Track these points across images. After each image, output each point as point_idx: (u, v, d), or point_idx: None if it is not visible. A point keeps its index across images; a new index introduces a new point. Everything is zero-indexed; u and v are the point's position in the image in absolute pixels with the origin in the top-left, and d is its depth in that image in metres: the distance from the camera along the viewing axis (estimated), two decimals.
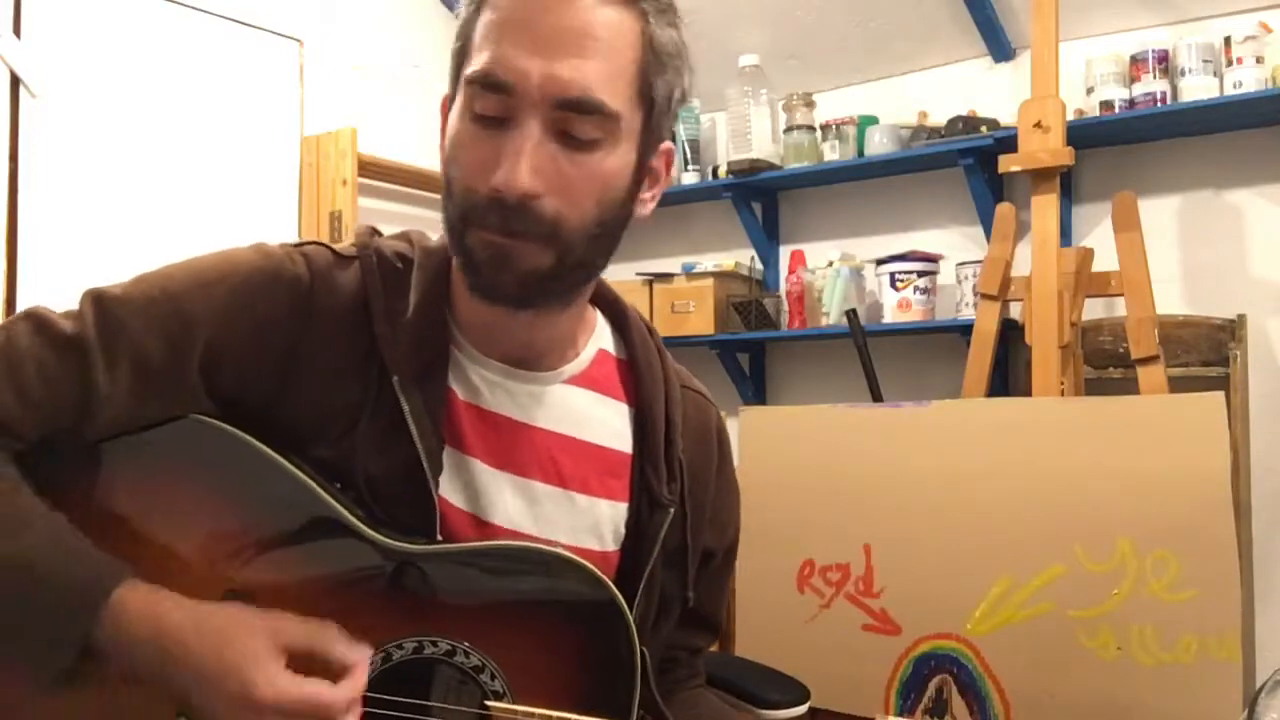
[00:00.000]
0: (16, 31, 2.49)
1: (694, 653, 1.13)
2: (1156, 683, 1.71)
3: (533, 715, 0.85)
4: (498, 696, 0.87)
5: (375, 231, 0.98)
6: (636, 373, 1.01)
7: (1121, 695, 1.74)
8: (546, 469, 0.95)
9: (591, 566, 0.89)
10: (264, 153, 2.94)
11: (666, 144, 0.95)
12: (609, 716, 0.86)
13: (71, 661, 0.79)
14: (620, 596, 0.89)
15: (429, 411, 0.89)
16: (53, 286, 2.51)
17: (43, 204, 2.53)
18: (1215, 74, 2.59)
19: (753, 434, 2.28)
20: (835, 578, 2.09)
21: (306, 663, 0.80)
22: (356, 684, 0.80)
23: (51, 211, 2.55)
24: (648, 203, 0.94)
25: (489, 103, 0.83)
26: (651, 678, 0.96)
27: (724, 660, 1.86)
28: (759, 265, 3.43)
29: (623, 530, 0.98)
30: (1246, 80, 2.53)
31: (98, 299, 0.87)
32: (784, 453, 2.23)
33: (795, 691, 1.60)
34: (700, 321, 3.27)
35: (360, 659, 0.82)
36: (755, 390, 3.42)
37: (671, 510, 0.98)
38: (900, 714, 1.94)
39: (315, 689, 0.78)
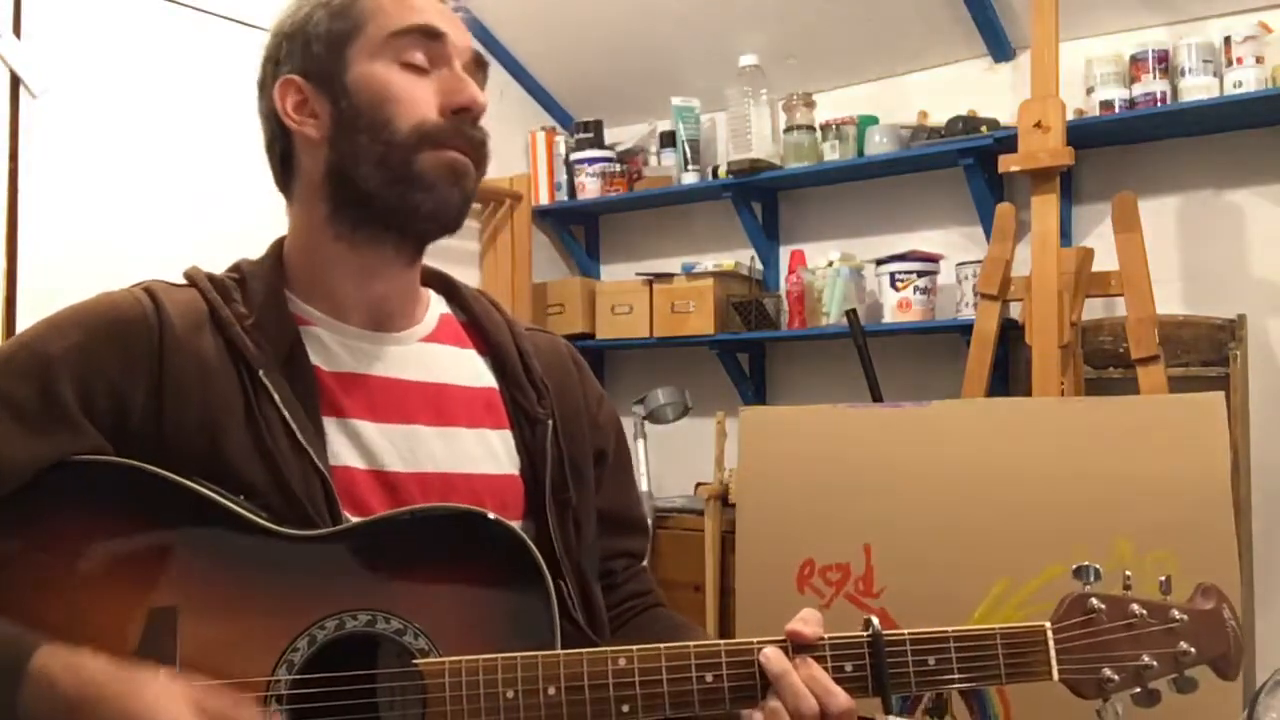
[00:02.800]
0: (16, 31, 2.49)
1: (631, 558, 1.18)
2: None
3: (459, 663, 0.87)
4: (424, 653, 0.89)
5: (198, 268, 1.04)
6: (479, 326, 1.11)
7: None
8: (427, 413, 1.02)
9: (487, 511, 0.93)
10: (264, 153, 2.93)
11: None
12: (532, 650, 0.89)
13: None
14: (520, 532, 0.93)
15: (297, 394, 0.95)
16: (52, 287, 2.50)
17: (43, 204, 2.54)
18: (1215, 74, 2.59)
19: (753, 434, 2.28)
20: (835, 578, 2.09)
21: None
22: None
23: (51, 211, 2.55)
24: None
25: (421, 52, 0.99)
26: (573, 610, 1.00)
27: None
28: (759, 265, 3.43)
29: (516, 454, 1.05)
30: (1246, 80, 2.53)
31: None
32: (784, 453, 2.23)
33: None
34: (700, 321, 3.26)
35: None
36: (755, 390, 3.42)
37: (550, 423, 1.07)
38: (900, 714, 1.94)
39: None
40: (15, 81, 2.49)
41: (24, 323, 2.45)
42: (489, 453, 1.03)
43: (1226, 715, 1.53)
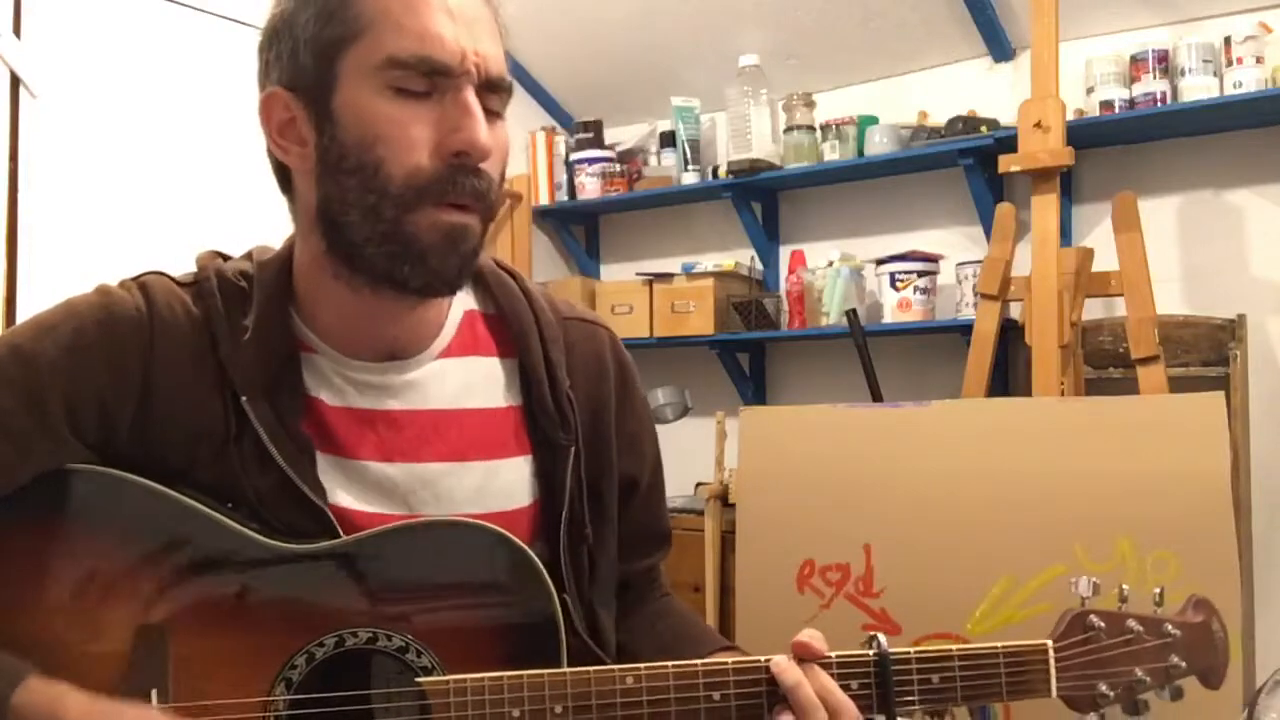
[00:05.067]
0: (16, 31, 2.49)
1: (647, 571, 1.12)
2: None
3: (464, 681, 0.85)
4: (428, 672, 0.87)
5: (219, 255, 0.97)
6: (506, 324, 1.00)
7: None
8: (437, 448, 0.94)
9: (489, 524, 0.89)
10: (264, 153, 2.93)
11: None
12: (539, 668, 0.86)
13: None
14: (525, 547, 0.89)
15: (285, 425, 0.89)
16: (52, 287, 2.50)
17: (43, 204, 2.53)
18: (1215, 74, 2.59)
19: (753, 434, 2.27)
20: (835, 578, 2.09)
21: None
22: None
23: (51, 211, 2.55)
24: None
25: (419, 81, 0.85)
26: (579, 624, 0.96)
27: None
28: (759, 265, 3.43)
29: (532, 481, 0.98)
30: (1246, 80, 2.53)
31: None
32: (784, 453, 2.23)
33: None
34: (700, 321, 3.26)
35: None
36: (755, 390, 3.42)
37: (572, 448, 0.98)
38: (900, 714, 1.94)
39: None
40: (15, 81, 2.49)
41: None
42: (501, 488, 0.96)
43: (1226, 716, 1.53)
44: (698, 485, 3.16)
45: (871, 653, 0.90)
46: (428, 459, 0.94)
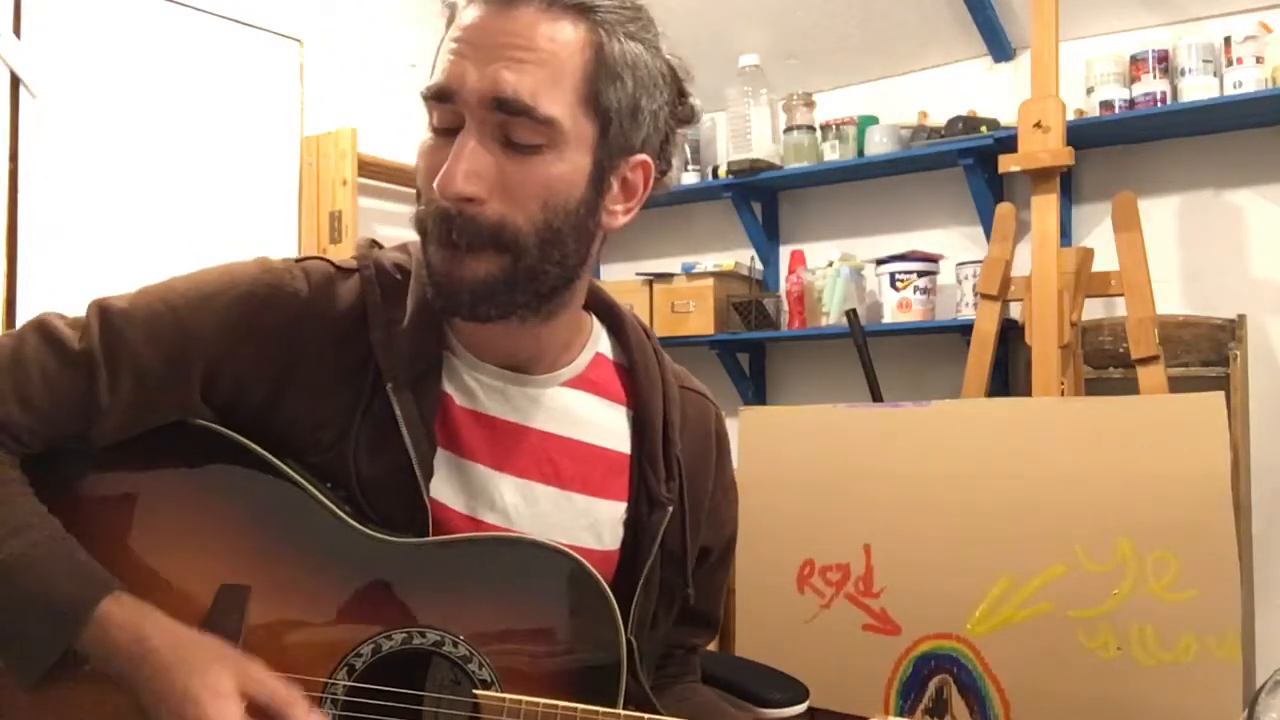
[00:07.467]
0: (16, 31, 2.49)
1: (690, 650, 1.15)
2: (1157, 683, 1.71)
3: (519, 703, 0.86)
4: (486, 685, 0.88)
5: (375, 244, 1.01)
6: (634, 376, 1.03)
7: (1121, 695, 1.74)
8: (544, 469, 0.97)
9: (578, 556, 0.91)
10: (264, 153, 2.94)
11: (643, 157, 0.95)
12: (594, 705, 0.88)
13: (53, 665, 0.83)
14: (606, 586, 0.92)
15: (421, 416, 0.92)
16: (53, 286, 2.51)
17: (43, 204, 2.53)
18: (1215, 74, 2.59)
19: (753, 434, 2.28)
20: (835, 578, 2.09)
21: (263, 713, 0.82)
22: None
23: (51, 211, 2.55)
24: (619, 215, 0.96)
25: (442, 113, 0.88)
26: (639, 669, 0.97)
27: (724, 660, 1.87)
28: (759, 265, 3.43)
29: (621, 529, 1.00)
30: (1246, 80, 2.53)
31: (103, 311, 0.90)
32: (784, 453, 2.23)
33: (795, 690, 1.60)
34: (700, 321, 3.26)
35: None
36: (755, 390, 3.42)
37: (670, 508, 1.00)
38: (900, 714, 1.94)
39: None
40: (15, 81, 2.49)
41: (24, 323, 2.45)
42: (591, 525, 0.98)
43: (1227, 715, 1.53)
44: None
45: None
46: (534, 478, 0.97)
